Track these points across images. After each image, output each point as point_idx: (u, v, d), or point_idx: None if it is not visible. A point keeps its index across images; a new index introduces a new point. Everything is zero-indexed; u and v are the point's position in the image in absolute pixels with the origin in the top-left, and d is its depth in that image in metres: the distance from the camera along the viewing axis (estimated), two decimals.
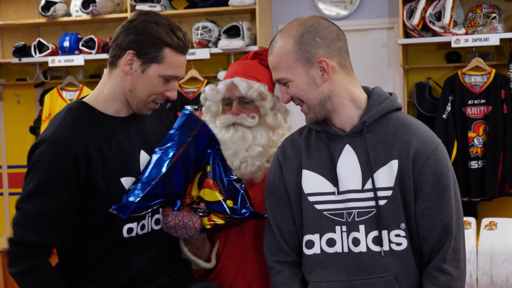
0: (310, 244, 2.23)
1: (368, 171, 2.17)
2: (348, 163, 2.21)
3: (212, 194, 2.34)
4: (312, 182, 2.25)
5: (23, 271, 2.19)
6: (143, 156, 2.37)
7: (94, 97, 2.35)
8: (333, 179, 2.21)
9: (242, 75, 2.62)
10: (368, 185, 2.17)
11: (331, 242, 2.20)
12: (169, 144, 2.32)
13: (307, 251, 2.24)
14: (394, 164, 2.16)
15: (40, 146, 2.21)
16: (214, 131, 2.57)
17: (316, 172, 2.25)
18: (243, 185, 2.38)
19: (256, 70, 2.66)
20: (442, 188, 2.16)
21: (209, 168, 2.36)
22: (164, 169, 2.27)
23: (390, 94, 2.27)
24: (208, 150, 2.36)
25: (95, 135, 2.27)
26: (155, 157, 2.31)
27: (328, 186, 2.22)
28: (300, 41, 2.16)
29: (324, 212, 2.22)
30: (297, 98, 2.21)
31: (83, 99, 2.36)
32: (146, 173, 2.28)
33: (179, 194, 2.33)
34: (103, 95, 2.33)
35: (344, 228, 2.18)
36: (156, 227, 2.39)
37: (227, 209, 2.33)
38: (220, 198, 2.33)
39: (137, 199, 2.21)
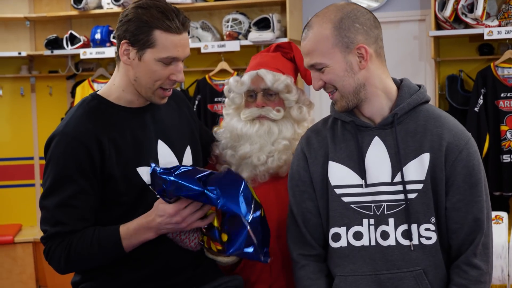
0: (337, 237, 2.22)
1: (398, 164, 2.16)
2: (377, 155, 2.19)
3: (212, 216, 2.24)
4: (339, 174, 2.23)
5: (65, 256, 2.23)
6: (161, 146, 2.39)
7: (107, 89, 2.37)
8: (361, 171, 2.19)
9: (267, 67, 2.60)
10: (398, 178, 2.15)
11: (358, 235, 2.19)
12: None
13: (333, 244, 2.23)
14: (425, 158, 2.15)
15: (53, 140, 2.25)
16: (238, 125, 2.58)
17: (343, 164, 2.23)
18: (255, 220, 2.22)
19: (280, 62, 2.65)
20: (473, 182, 2.14)
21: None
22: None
23: (419, 86, 2.25)
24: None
25: (107, 126, 2.28)
26: None
27: (355, 178, 2.20)
28: (339, 26, 2.12)
29: (352, 205, 2.20)
30: (331, 85, 2.17)
31: (97, 92, 2.39)
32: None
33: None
34: (114, 87, 2.35)
35: (372, 221, 2.17)
36: None
37: (220, 241, 2.24)
38: (216, 224, 2.24)
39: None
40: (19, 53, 6.11)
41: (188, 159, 2.47)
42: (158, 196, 2.19)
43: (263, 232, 2.23)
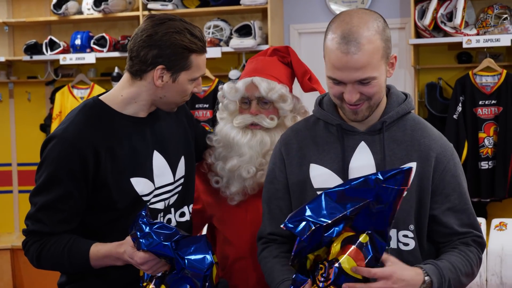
0: None
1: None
2: (363, 161, 2.18)
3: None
4: (322, 177, 2.21)
5: (37, 254, 2.28)
6: (157, 157, 2.40)
7: (112, 97, 2.36)
8: (344, 175, 2.18)
9: (262, 75, 2.56)
10: None
11: None
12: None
13: None
14: (412, 167, 2.11)
15: (51, 141, 2.26)
16: (231, 133, 2.55)
17: (325, 167, 2.21)
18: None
19: (276, 68, 2.61)
20: (462, 190, 2.19)
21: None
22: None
23: (405, 94, 2.26)
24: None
25: (106, 134, 2.29)
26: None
27: (337, 182, 2.16)
28: (384, 37, 2.05)
29: None
30: (365, 96, 2.08)
31: (99, 97, 2.38)
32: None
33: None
34: (122, 98, 2.34)
35: None
36: (181, 219, 2.48)
37: None
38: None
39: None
40: None
41: (181, 169, 2.49)
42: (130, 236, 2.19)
43: None
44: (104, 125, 2.30)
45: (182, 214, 2.52)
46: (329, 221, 1.92)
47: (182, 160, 2.50)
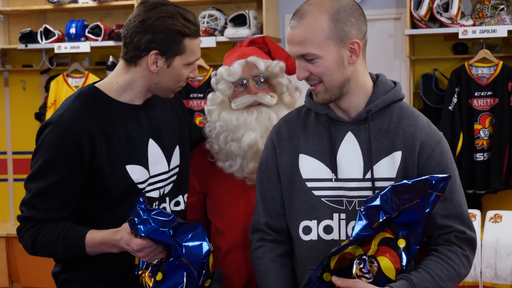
0: (307, 230, 2.22)
1: (370, 161, 2.17)
2: (350, 151, 2.19)
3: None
4: (310, 167, 2.22)
5: (31, 241, 2.30)
6: (152, 144, 2.41)
7: (107, 84, 2.37)
8: (332, 165, 2.19)
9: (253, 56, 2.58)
10: (370, 174, 2.17)
11: (328, 229, 2.19)
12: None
13: (304, 237, 2.23)
14: (397, 156, 2.15)
15: (46, 128, 2.27)
16: (233, 116, 2.55)
17: (314, 157, 2.22)
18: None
19: (259, 54, 2.62)
20: None
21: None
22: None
23: (394, 83, 2.26)
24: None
25: (102, 121, 2.30)
26: None
27: (325, 172, 2.20)
28: (336, 18, 2.08)
29: (322, 199, 2.20)
30: (317, 77, 2.13)
31: (95, 85, 2.39)
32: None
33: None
34: (117, 85, 2.35)
35: (343, 215, 2.18)
36: (176, 208, 2.50)
37: (154, 278, 2.21)
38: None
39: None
40: None
41: (176, 158, 2.50)
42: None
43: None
44: (100, 112, 2.32)
45: (177, 203, 2.53)
46: (395, 214, 2.00)
47: (177, 149, 2.51)
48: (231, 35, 5.44)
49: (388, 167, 2.15)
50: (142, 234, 2.13)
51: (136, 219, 2.14)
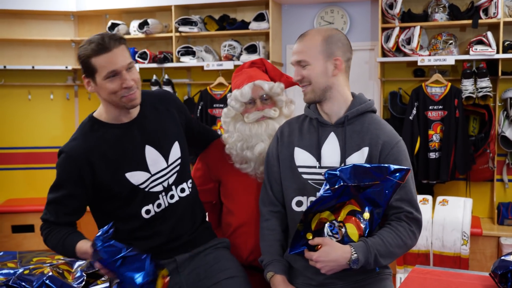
0: (299, 204, 2.28)
1: (344, 154, 2.24)
2: (331, 146, 2.26)
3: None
4: (302, 157, 2.29)
5: (45, 238, 2.33)
6: (149, 150, 2.34)
7: (98, 112, 2.36)
8: (317, 156, 2.25)
9: (257, 79, 2.56)
10: (344, 164, 2.24)
11: None
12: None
13: (296, 208, 2.30)
14: (365, 150, 2.21)
15: (60, 154, 2.30)
16: (246, 128, 2.52)
17: (305, 150, 2.29)
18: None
19: (261, 75, 2.62)
20: None
21: None
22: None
23: (369, 99, 2.35)
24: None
25: (98, 143, 2.28)
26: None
27: (312, 161, 2.26)
28: (327, 40, 2.21)
29: (309, 181, 2.26)
30: (307, 79, 2.23)
31: (93, 114, 2.37)
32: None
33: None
34: (103, 110, 2.32)
35: None
36: (172, 201, 2.40)
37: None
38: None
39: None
40: (66, 67, 6.17)
41: (176, 152, 2.42)
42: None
43: None
44: (96, 136, 2.28)
45: (182, 190, 2.44)
46: (353, 184, 2.01)
47: (176, 144, 2.43)
48: (245, 60, 5.42)
49: (358, 159, 2.21)
50: (96, 260, 2.08)
51: (93, 247, 2.06)
